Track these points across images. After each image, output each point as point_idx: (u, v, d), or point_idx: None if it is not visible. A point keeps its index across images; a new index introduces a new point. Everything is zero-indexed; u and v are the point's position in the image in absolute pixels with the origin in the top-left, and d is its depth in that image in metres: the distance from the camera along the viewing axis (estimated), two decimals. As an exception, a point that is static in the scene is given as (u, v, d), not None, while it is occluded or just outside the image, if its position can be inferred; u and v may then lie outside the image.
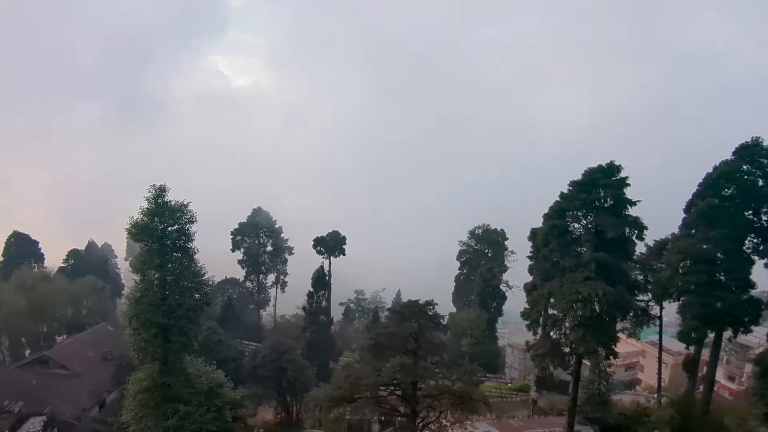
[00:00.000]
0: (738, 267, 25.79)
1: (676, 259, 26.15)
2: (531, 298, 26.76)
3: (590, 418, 29.96)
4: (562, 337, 26.76)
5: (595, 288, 23.23)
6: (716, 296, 26.07)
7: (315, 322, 51.16)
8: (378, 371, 21.91)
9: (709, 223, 25.24)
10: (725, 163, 25.37)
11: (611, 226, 24.06)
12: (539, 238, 25.71)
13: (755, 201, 25.23)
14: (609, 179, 24.27)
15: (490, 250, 52.91)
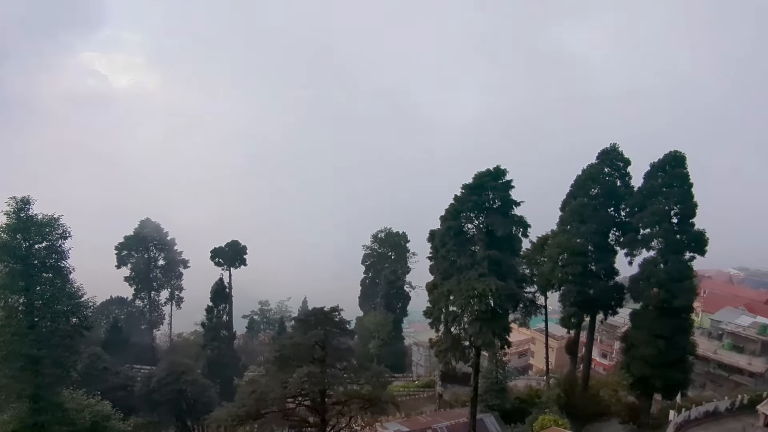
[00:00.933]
0: (605, 257, 31.31)
1: (555, 253, 30.98)
2: (432, 297, 29.64)
3: (490, 406, 33.88)
4: (462, 331, 29.97)
5: (488, 284, 26.66)
6: (589, 284, 31.34)
7: (216, 338, 50.00)
8: (284, 383, 22.10)
9: (581, 220, 30.27)
10: (591, 166, 30.35)
11: (500, 225, 27.70)
12: (437, 239, 28.68)
13: (615, 199, 30.72)
14: (496, 182, 27.86)
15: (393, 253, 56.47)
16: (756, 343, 38.15)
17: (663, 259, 28.21)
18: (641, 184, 29.27)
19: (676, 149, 27.37)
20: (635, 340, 29.51)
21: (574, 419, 31.11)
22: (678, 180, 27.05)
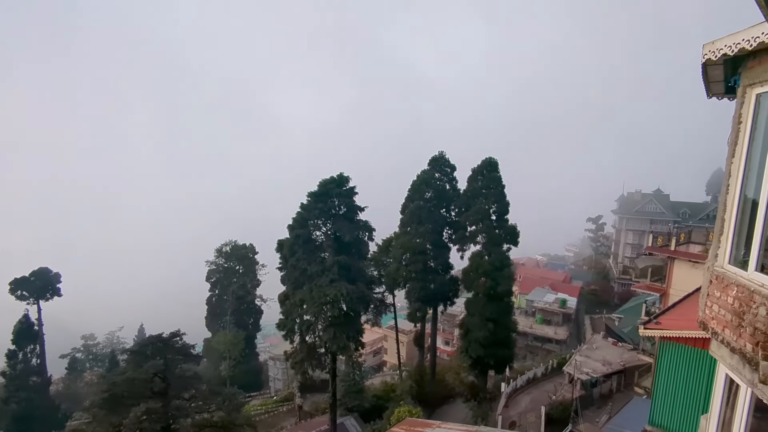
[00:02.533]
0: (441, 254, 36.88)
1: (399, 253, 35.51)
2: (285, 308, 31.18)
3: (350, 408, 36.74)
4: (316, 339, 32.33)
5: (339, 289, 29.36)
6: (430, 279, 36.48)
7: (23, 388, 43.52)
8: (117, 427, 20.92)
9: (419, 221, 35.30)
10: (424, 172, 35.16)
11: (347, 230, 30.72)
12: (286, 248, 30.44)
13: (446, 201, 36.29)
14: (341, 189, 30.75)
15: (240, 266, 55.88)
16: (558, 315, 49.22)
17: (487, 252, 34.32)
18: (465, 187, 35.61)
19: (491, 156, 34.28)
20: (470, 325, 34.93)
21: (426, 406, 35.60)
22: (494, 182, 33.62)
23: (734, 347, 5.82)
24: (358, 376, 37.21)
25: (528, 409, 32.26)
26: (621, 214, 71.48)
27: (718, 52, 5.31)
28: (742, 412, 6.17)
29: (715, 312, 6.30)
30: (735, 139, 5.69)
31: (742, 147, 5.60)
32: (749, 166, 5.61)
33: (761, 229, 5.43)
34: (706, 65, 5.72)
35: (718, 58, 5.35)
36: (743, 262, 5.85)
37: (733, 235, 5.95)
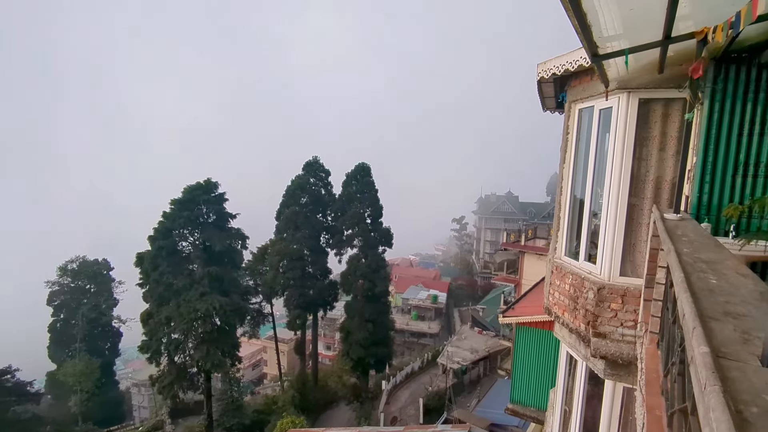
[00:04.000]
0: (319, 259, 36.97)
1: (276, 260, 34.61)
2: (149, 328, 28.31)
3: (228, 428, 35.01)
4: (187, 359, 29.99)
5: (211, 302, 27.52)
6: (308, 285, 36.31)
7: None
8: None
9: (295, 227, 34.88)
10: (298, 177, 34.99)
11: (217, 239, 28.99)
12: (148, 262, 27.64)
13: (322, 205, 36.63)
14: (209, 195, 29.19)
15: (92, 285, 48.96)
16: (431, 311, 52.43)
17: (364, 255, 35.19)
18: (341, 192, 36.01)
19: (363, 161, 35.18)
20: (351, 328, 35.53)
21: (310, 413, 35.09)
22: (367, 187, 34.58)
23: (572, 328, 6.60)
24: (236, 392, 35.16)
25: (408, 403, 33.53)
26: (480, 215, 78.60)
27: (548, 71, 6.03)
28: (580, 383, 6.99)
29: (557, 298, 7.07)
30: (564, 147, 6.51)
31: (570, 154, 6.42)
32: (576, 170, 6.45)
33: (587, 224, 6.26)
34: (540, 83, 6.46)
35: (549, 76, 6.07)
36: (575, 254, 6.68)
37: (566, 231, 6.77)
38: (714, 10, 3.41)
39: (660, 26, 3.61)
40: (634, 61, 4.65)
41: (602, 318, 5.79)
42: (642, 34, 4.03)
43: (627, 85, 5.13)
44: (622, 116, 5.28)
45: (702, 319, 1.27)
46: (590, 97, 5.83)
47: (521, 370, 15.53)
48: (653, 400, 2.13)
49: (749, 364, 1.03)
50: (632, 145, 5.33)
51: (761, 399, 0.88)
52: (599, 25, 3.86)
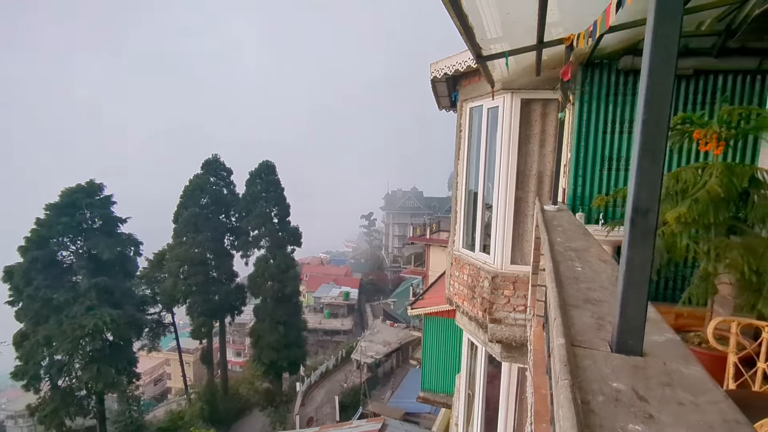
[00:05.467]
0: (224, 263, 35.24)
1: (175, 266, 32.30)
2: (24, 351, 24.84)
3: (127, 452, 32.22)
4: (74, 381, 27.02)
5: (101, 316, 24.91)
6: (213, 291, 34.46)
7: None
8: None
9: (195, 229, 32.78)
10: (197, 176, 32.92)
11: (105, 247, 26.35)
12: (19, 276, 24.39)
13: (225, 206, 34.93)
14: (92, 198, 26.39)
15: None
16: (344, 308, 52.54)
17: (272, 255, 34.19)
18: (244, 191, 34.55)
19: (267, 159, 34.08)
20: (261, 332, 34.39)
21: (221, 425, 33.43)
22: (273, 185, 33.68)
23: (471, 316, 6.91)
24: (135, 411, 32.29)
25: (324, 402, 33.27)
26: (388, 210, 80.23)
27: (440, 71, 6.22)
28: (481, 367, 7.34)
29: (456, 288, 7.36)
30: (458, 144, 6.78)
31: (464, 151, 6.70)
32: (469, 166, 6.75)
33: (481, 217, 6.58)
34: (434, 82, 6.66)
35: (441, 76, 6.28)
36: (472, 245, 7.00)
37: (463, 224, 7.07)
38: (579, 18, 3.70)
39: (535, 31, 3.85)
40: (515, 63, 4.94)
41: (497, 305, 6.12)
42: (520, 38, 4.27)
43: (510, 85, 5.45)
44: (507, 115, 5.60)
45: (564, 308, 1.33)
46: (479, 96, 6.11)
47: (430, 358, 16.08)
48: (539, 379, 2.26)
49: (600, 351, 1.08)
50: (517, 142, 5.68)
51: (608, 387, 0.91)
52: (483, 27, 4.01)
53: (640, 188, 1.00)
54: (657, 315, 1.36)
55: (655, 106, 0.97)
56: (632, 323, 1.05)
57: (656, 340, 1.16)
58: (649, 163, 0.99)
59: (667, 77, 0.95)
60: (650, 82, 0.96)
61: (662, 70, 0.95)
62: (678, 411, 0.84)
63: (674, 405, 0.86)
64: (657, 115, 0.97)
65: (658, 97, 0.96)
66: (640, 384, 0.93)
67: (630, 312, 1.04)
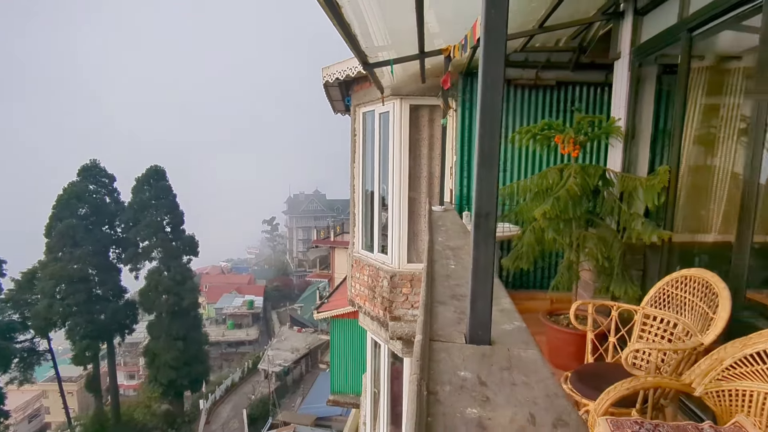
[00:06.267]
0: (109, 278, 32.04)
1: (50, 285, 28.56)
2: None
3: (-5, 503, 27.89)
4: None
5: (-47, 350, 21.52)
6: (98, 310, 31.20)
7: None
8: None
9: (73, 243, 29.39)
10: (72, 184, 29.82)
11: (-43, 270, 22.79)
12: None
13: (108, 216, 31.74)
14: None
15: None
16: (248, 317, 50.54)
17: (166, 267, 31.76)
18: (131, 199, 31.62)
19: (157, 164, 31.57)
20: (157, 350, 31.83)
21: (111, 457, 30.62)
22: (163, 192, 31.27)
23: (373, 315, 7.04)
24: (3, 456, 28.13)
25: (231, 417, 31.77)
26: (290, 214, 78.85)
27: (332, 75, 6.27)
28: (385, 364, 7.51)
29: (358, 290, 7.46)
30: (353, 148, 6.89)
31: (359, 154, 6.82)
32: (365, 169, 6.89)
33: (378, 218, 6.75)
34: (326, 86, 6.69)
35: (333, 81, 6.33)
36: (371, 246, 7.14)
37: (361, 226, 7.20)
38: (455, 31, 3.97)
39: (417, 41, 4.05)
40: (402, 71, 5.14)
41: (396, 302, 6.32)
42: (406, 47, 4.45)
43: (399, 92, 5.66)
44: (397, 120, 5.81)
45: (429, 306, 1.43)
46: (371, 101, 6.26)
47: (338, 360, 16.10)
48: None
49: (456, 343, 1.18)
50: (408, 145, 5.92)
51: (456, 376, 1.00)
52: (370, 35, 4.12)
53: (480, 194, 1.11)
54: (511, 305, 1.51)
55: (488, 122, 1.08)
56: (481, 316, 1.16)
57: (506, 329, 1.30)
58: (486, 171, 1.10)
59: (496, 96, 1.08)
60: (483, 103, 1.08)
61: (492, 92, 1.07)
62: (511, 391, 0.95)
63: (509, 386, 0.97)
64: (490, 130, 1.09)
65: (490, 113, 1.08)
66: (484, 370, 1.04)
67: (479, 306, 1.15)
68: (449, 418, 0.82)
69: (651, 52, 3.64)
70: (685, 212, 3.44)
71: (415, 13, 3.37)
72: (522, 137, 3.91)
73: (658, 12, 3.52)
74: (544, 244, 3.87)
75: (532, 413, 0.85)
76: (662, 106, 3.82)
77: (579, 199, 3.63)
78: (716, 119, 3.30)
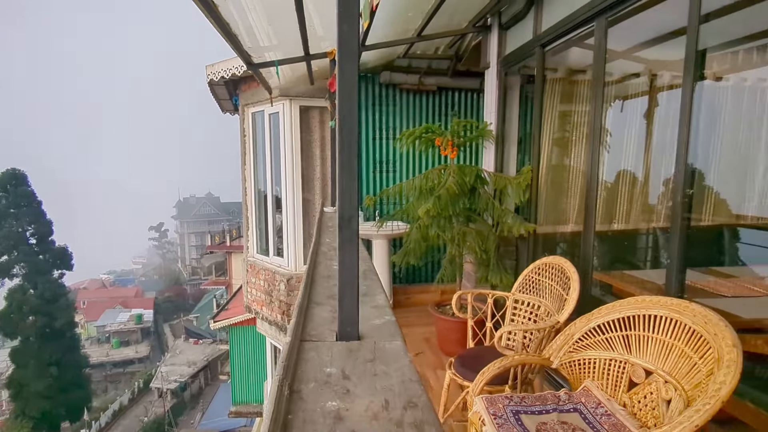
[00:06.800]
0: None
1: None
2: None
3: None
4: None
5: None
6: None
7: None
8: None
9: None
10: None
11: None
12: None
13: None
14: None
15: None
16: (137, 333, 46.30)
17: (31, 284, 28.06)
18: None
19: (15, 167, 27.58)
20: (24, 379, 27.99)
21: None
22: (25, 199, 27.42)
23: (271, 320, 6.91)
24: None
25: (118, 445, 28.98)
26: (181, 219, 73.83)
27: (217, 74, 6.02)
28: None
29: (255, 295, 7.26)
30: (243, 149, 6.68)
31: (250, 156, 6.63)
32: (257, 170, 6.72)
33: (272, 221, 6.63)
34: (212, 85, 6.40)
35: (219, 79, 6.08)
36: (266, 250, 6.99)
37: (255, 229, 7.01)
38: (338, 35, 4.03)
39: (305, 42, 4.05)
40: (291, 72, 5.11)
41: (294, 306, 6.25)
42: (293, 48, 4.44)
43: (288, 93, 5.62)
44: (287, 121, 5.76)
45: (305, 307, 1.47)
46: (259, 102, 6.13)
47: (239, 370, 15.48)
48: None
49: (327, 342, 1.24)
50: (299, 147, 5.90)
51: (321, 372, 1.06)
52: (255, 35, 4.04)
53: (342, 200, 1.18)
54: (385, 301, 1.61)
55: (345, 133, 1.16)
56: (348, 313, 1.23)
57: (376, 324, 1.39)
58: (347, 179, 1.17)
59: (352, 109, 1.15)
60: (340, 115, 1.15)
61: (348, 104, 1.14)
62: (371, 381, 1.04)
63: (370, 377, 1.05)
64: (348, 141, 1.16)
65: (347, 125, 1.15)
66: (349, 364, 1.11)
67: (346, 304, 1.23)
68: (309, 414, 0.87)
69: (514, 63, 4.05)
70: (546, 207, 3.88)
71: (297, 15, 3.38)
72: (406, 140, 4.11)
73: (519, 28, 3.92)
74: (429, 240, 4.11)
75: (387, 399, 0.93)
76: (527, 112, 4.26)
77: (457, 198, 3.92)
78: (568, 124, 3.78)
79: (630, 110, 3.83)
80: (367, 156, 5.51)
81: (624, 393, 1.92)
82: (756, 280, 2.90)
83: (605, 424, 1.78)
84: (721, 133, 2.92)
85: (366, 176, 5.52)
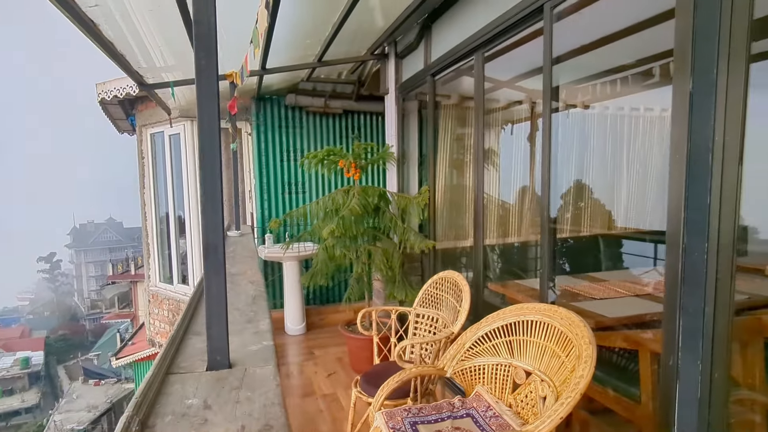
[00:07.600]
0: None
1: None
2: None
3: None
4: None
5: None
6: None
7: None
8: None
9: None
10: None
11: None
12: None
13: None
14: None
15: None
16: (23, 379, 41.00)
17: None
18: None
19: None
20: None
21: None
22: None
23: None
24: None
25: None
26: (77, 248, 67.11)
27: (110, 93, 5.68)
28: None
29: (158, 327, 6.81)
30: (142, 172, 6.32)
31: (149, 178, 6.29)
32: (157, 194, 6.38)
33: (175, 246, 6.30)
34: (104, 104, 6.02)
35: (112, 98, 5.74)
36: (170, 278, 6.61)
37: (158, 256, 6.62)
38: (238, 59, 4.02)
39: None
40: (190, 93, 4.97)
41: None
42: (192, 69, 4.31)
43: (188, 114, 5.44)
44: (189, 143, 5.56)
45: (179, 338, 1.45)
46: (158, 122, 5.87)
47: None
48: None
49: (195, 373, 1.24)
50: (202, 169, 5.69)
51: (181, 405, 1.06)
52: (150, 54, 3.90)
53: (207, 230, 1.20)
54: (268, 326, 1.63)
55: (208, 164, 1.18)
56: (217, 342, 1.24)
57: (251, 350, 1.41)
58: (210, 209, 1.20)
59: (213, 140, 1.18)
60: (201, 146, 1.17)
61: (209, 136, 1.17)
62: (232, 409, 1.05)
63: (232, 404, 1.07)
64: (211, 172, 1.19)
65: (209, 156, 1.18)
66: (213, 394, 1.12)
67: (214, 333, 1.23)
68: (159, 448, 0.88)
69: (410, 89, 4.29)
70: (444, 224, 4.12)
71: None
72: (310, 162, 4.16)
73: (412, 57, 4.18)
74: (336, 260, 4.17)
75: (244, 425, 0.96)
76: (424, 135, 4.51)
77: (361, 218, 4.02)
78: (460, 146, 4.06)
79: (516, 133, 4.23)
80: (275, 178, 5.47)
81: (510, 394, 2.07)
82: (621, 282, 3.27)
83: (493, 426, 1.91)
84: (581, 152, 3.32)
85: (276, 198, 5.48)
